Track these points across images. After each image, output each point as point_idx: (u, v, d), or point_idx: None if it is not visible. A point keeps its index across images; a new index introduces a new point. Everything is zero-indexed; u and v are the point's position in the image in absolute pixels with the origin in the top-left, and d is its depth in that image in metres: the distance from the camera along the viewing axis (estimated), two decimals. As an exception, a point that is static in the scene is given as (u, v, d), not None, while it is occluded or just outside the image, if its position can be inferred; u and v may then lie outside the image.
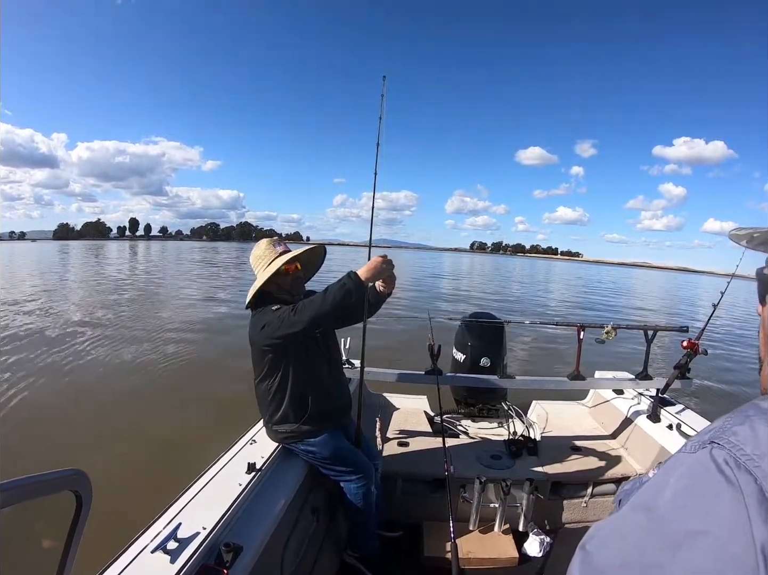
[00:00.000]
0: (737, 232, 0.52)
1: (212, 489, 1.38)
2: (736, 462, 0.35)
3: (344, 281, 1.44)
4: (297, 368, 1.62)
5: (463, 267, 43.30)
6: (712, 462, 0.36)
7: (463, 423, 2.59)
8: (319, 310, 1.41)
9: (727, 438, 0.38)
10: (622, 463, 2.19)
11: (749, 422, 0.38)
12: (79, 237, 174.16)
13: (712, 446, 0.38)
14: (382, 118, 1.75)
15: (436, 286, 20.08)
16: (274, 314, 1.49)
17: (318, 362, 1.69)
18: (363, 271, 1.48)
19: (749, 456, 0.35)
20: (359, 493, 1.72)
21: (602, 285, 30.35)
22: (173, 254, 44.34)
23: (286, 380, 1.62)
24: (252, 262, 1.65)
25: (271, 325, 1.48)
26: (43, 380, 4.89)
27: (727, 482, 0.34)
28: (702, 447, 0.39)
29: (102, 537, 1.26)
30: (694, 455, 0.39)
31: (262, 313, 1.54)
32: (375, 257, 1.54)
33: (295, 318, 1.43)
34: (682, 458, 0.40)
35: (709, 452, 0.37)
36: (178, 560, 1.06)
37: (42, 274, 18.56)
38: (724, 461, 0.36)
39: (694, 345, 2.23)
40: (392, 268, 1.57)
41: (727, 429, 0.39)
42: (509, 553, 1.91)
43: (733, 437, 0.37)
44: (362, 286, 1.45)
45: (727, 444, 0.37)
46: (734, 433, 0.38)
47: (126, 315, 8.87)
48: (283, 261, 1.57)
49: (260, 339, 1.54)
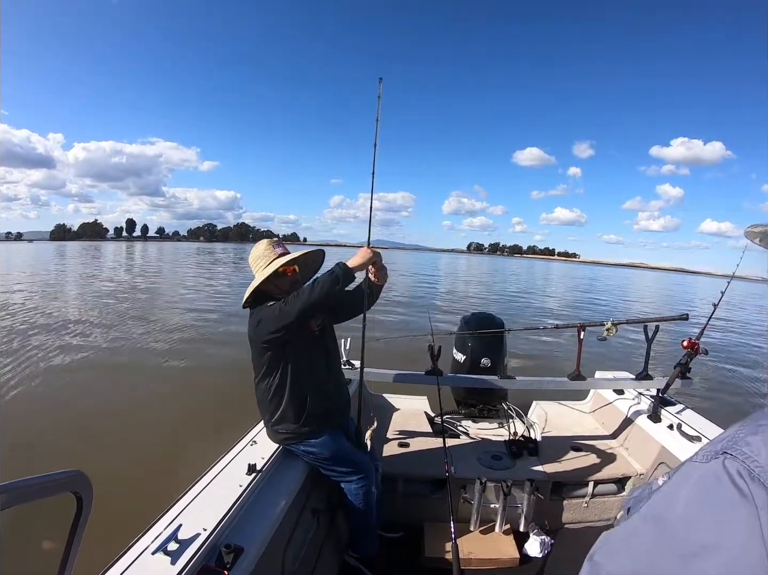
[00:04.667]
0: (752, 229, 0.52)
1: (213, 490, 1.38)
2: (750, 473, 0.34)
3: (333, 269, 1.51)
4: (296, 367, 1.62)
5: (460, 267, 43.35)
6: (725, 473, 0.36)
7: (463, 424, 2.59)
8: (310, 298, 1.45)
9: (740, 449, 0.37)
10: (623, 463, 2.19)
11: (763, 432, 0.38)
12: (76, 238, 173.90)
13: (725, 456, 0.37)
14: (379, 120, 1.75)
15: (434, 285, 20.10)
16: (269, 309, 1.52)
17: (317, 361, 1.69)
18: (351, 260, 1.56)
19: (763, 468, 0.34)
20: (360, 494, 1.72)
21: (599, 285, 30.44)
22: (172, 255, 44.26)
23: (286, 379, 1.62)
24: (251, 262, 1.67)
25: (267, 320, 1.51)
26: (42, 381, 4.87)
27: (740, 494, 0.34)
28: (714, 457, 0.38)
29: (103, 538, 1.25)
30: (707, 465, 0.38)
31: (259, 311, 1.57)
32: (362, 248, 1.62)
33: (287, 308, 1.46)
34: (694, 467, 0.39)
35: (722, 463, 0.37)
36: (179, 561, 1.06)
37: (42, 274, 18.49)
38: (737, 472, 0.35)
39: (695, 345, 2.23)
40: (379, 257, 1.62)
41: (740, 439, 0.38)
42: (510, 554, 1.91)
43: (746, 447, 0.36)
44: (350, 273, 1.52)
45: (740, 455, 0.36)
46: (747, 443, 0.37)
47: (126, 316, 8.84)
48: (282, 262, 1.58)
49: (258, 335, 1.56)
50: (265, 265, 1.60)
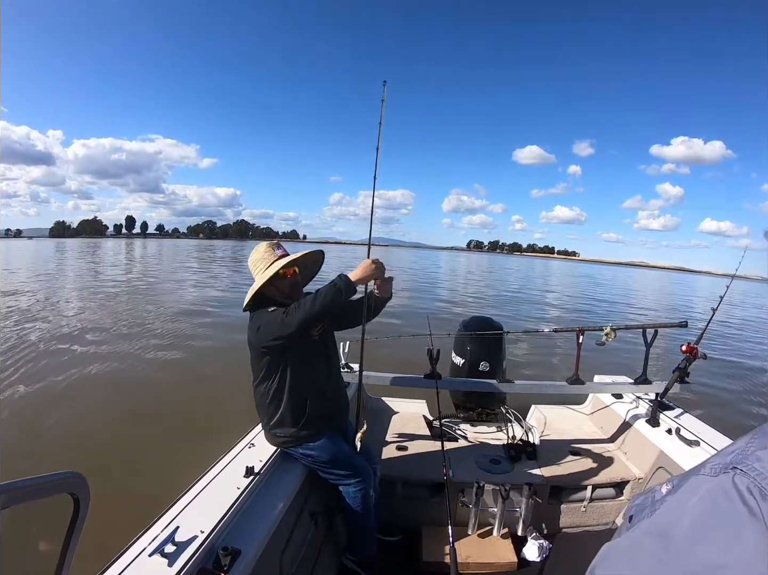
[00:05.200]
0: None
1: (210, 492, 1.37)
2: (761, 492, 0.33)
3: (335, 282, 1.49)
4: (295, 371, 1.61)
5: (460, 266, 43.35)
6: (735, 490, 0.34)
7: (462, 428, 2.59)
8: (310, 311, 1.44)
9: (751, 464, 0.35)
10: (622, 468, 2.19)
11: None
12: (75, 235, 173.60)
13: (735, 472, 0.36)
14: (382, 123, 1.75)
15: (433, 284, 20.08)
16: (269, 315, 1.51)
17: (316, 365, 1.69)
18: (353, 273, 1.53)
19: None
20: (358, 497, 1.71)
21: (599, 284, 30.44)
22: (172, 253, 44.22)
23: (284, 383, 1.61)
24: (250, 265, 1.66)
25: (267, 327, 1.50)
26: (39, 382, 4.83)
27: (749, 513, 0.32)
28: (724, 471, 0.37)
29: (99, 540, 1.25)
30: (715, 479, 0.37)
31: (259, 315, 1.55)
32: (365, 259, 1.56)
33: (288, 319, 1.45)
34: (702, 481, 0.38)
35: (732, 478, 0.35)
36: (176, 563, 1.06)
37: (42, 272, 18.46)
38: (747, 490, 0.34)
39: (694, 349, 2.23)
40: (382, 270, 1.58)
41: (751, 454, 0.36)
42: (508, 558, 1.91)
43: (757, 463, 0.35)
44: (352, 286, 1.49)
45: (751, 472, 0.35)
46: (758, 459, 0.36)
47: (126, 317, 8.82)
48: (281, 264, 1.58)
49: (257, 340, 1.55)
50: (265, 268, 1.60)
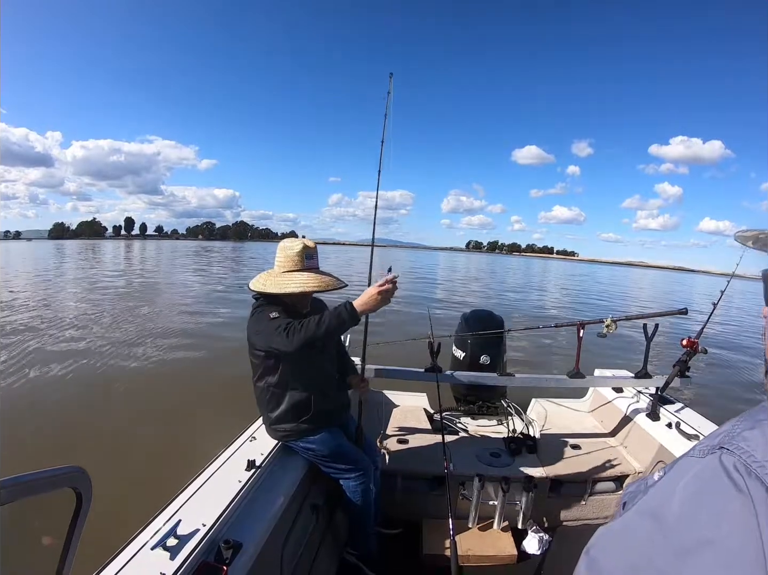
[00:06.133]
0: (743, 233, 0.52)
1: (212, 486, 1.38)
2: (747, 468, 0.34)
3: (340, 311, 1.42)
4: (295, 366, 1.61)
5: (459, 265, 43.39)
6: (722, 468, 0.35)
7: (462, 421, 2.59)
8: (313, 335, 1.40)
9: (737, 444, 0.37)
10: (622, 461, 2.19)
11: (760, 427, 0.37)
12: (74, 236, 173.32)
13: (722, 451, 0.37)
14: (388, 116, 1.72)
15: (432, 282, 20.09)
16: (270, 324, 1.46)
17: (317, 360, 1.68)
18: (359, 303, 1.43)
19: (760, 463, 0.34)
20: (358, 491, 1.72)
21: (598, 283, 30.46)
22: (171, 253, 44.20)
23: (285, 378, 1.61)
24: (279, 254, 1.60)
25: (267, 335, 1.47)
26: (42, 377, 4.85)
27: (736, 489, 0.33)
28: (711, 452, 0.38)
29: (102, 534, 1.25)
30: (703, 460, 0.38)
31: (261, 316, 1.52)
32: (373, 287, 1.43)
33: (287, 339, 1.40)
34: (691, 463, 0.39)
35: (719, 458, 0.36)
36: (178, 557, 1.06)
37: (45, 274, 18.46)
38: (734, 467, 0.35)
39: (694, 343, 2.23)
40: (390, 296, 1.44)
41: (737, 434, 0.38)
42: (508, 551, 1.92)
43: (743, 442, 0.36)
44: (357, 318, 1.43)
45: (737, 450, 0.36)
46: (744, 438, 0.37)
47: (126, 316, 8.82)
48: (305, 288, 1.54)
49: (255, 342, 1.56)
50: (290, 270, 1.56)
